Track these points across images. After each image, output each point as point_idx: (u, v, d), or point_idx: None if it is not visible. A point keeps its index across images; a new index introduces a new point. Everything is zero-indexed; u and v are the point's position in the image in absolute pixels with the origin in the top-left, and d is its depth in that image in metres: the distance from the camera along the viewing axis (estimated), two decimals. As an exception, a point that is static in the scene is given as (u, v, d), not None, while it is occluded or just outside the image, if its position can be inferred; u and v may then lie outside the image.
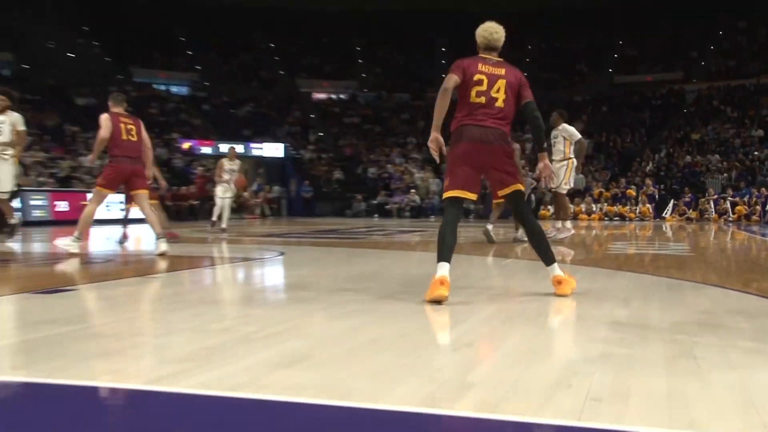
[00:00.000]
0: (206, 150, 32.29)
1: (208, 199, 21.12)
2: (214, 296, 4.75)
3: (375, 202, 28.24)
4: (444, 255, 4.13)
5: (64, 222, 17.79)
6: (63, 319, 3.35)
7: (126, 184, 7.81)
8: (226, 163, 13.30)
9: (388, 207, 27.50)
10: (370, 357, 2.60)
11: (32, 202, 18.41)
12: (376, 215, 27.03)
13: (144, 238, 11.48)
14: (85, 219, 7.46)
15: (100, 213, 8.97)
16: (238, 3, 38.05)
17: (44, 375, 2.25)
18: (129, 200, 10.89)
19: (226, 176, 13.19)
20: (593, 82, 38.34)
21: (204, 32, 39.84)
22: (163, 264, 6.70)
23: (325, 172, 32.19)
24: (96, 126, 7.73)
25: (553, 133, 10.47)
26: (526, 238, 7.89)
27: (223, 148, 32.99)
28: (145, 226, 8.75)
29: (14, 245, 9.24)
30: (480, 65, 4.39)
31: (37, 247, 9.50)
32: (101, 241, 10.81)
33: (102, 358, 2.52)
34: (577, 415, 1.86)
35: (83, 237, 7.43)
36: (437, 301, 3.88)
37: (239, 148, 33.09)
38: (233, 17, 38.78)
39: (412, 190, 27.71)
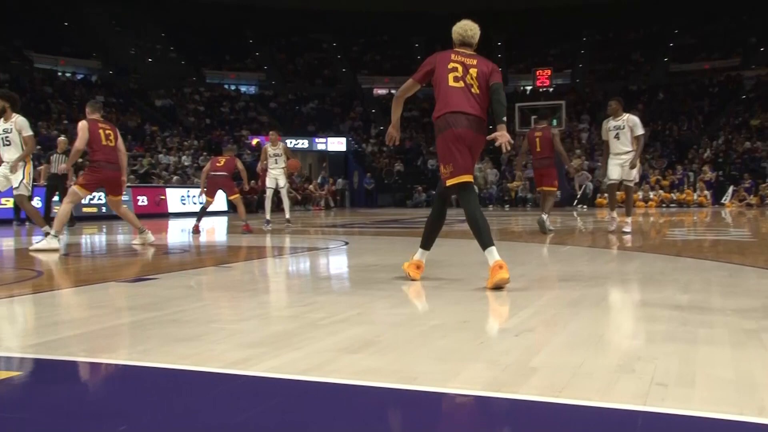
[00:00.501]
0: (274, 146, 33.07)
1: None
2: (282, 284, 4.90)
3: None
4: (488, 240, 4.19)
5: (144, 215, 18.50)
6: (146, 306, 3.54)
7: (105, 187, 8.11)
8: (270, 149, 12.44)
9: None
10: (433, 342, 2.66)
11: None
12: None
13: (217, 230, 11.83)
14: (62, 217, 7.63)
15: (176, 206, 9.37)
16: (303, 6, 38.77)
17: (132, 358, 2.40)
18: (210, 194, 11.33)
19: (272, 163, 12.16)
20: (648, 72, 37.34)
21: (271, 34, 40.84)
22: (233, 254, 6.92)
23: (386, 164, 32.42)
24: (173, 125, 7.99)
25: (615, 123, 9.22)
26: (551, 227, 9.01)
27: (290, 143, 33.73)
28: (221, 219, 9.06)
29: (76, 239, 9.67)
30: (453, 55, 4.59)
31: (121, 239, 9.92)
32: (177, 233, 11.21)
33: (182, 343, 2.66)
34: (642, 399, 1.87)
35: (59, 233, 7.58)
36: (499, 287, 3.95)
37: (305, 143, 33.78)
38: (298, 19, 39.58)
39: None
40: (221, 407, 1.89)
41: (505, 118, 4.47)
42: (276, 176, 12.18)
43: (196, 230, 10.85)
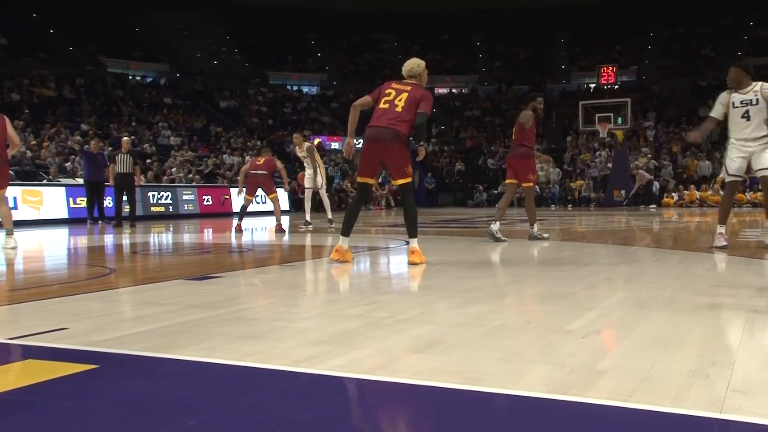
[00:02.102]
0: (335, 145, 33.62)
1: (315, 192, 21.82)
2: (345, 283, 4.93)
3: (496, 192, 28.02)
4: (345, 230, 5.58)
5: (209, 215, 18.95)
6: (212, 304, 3.63)
7: None
8: (297, 152, 12.55)
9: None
10: (498, 343, 2.64)
11: (184, 197, 19.63)
12: (497, 205, 26.80)
13: (266, 230, 12.03)
14: (6, 216, 7.94)
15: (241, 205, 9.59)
16: (363, 6, 39.11)
17: (199, 355, 2.46)
18: (250, 193, 11.50)
19: (306, 164, 12.18)
20: (720, 67, 35.88)
21: (332, 35, 41.33)
22: (294, 253, 7.01)
23: (447, 163, 32.30)
24: (237, 126, 8.16)
25: (743, 97, 6.70)
26: (544, 235, 8.21)
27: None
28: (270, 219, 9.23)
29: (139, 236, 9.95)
30: (393, 84, 5.61)
31: (187, 238, 10.18)
32: (244, 233, 11.42)
33: (247, 341, 2.71)
34: (718, 406, 1.80)
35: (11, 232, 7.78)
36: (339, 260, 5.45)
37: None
38: (359, 20, 39.93)
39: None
40: (287, 405, 1.91)
41: (423, 142, 5.62)
42: (312, 177, 12.16)
43: (239, 229, 11.04)
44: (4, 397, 1.96)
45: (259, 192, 12.20)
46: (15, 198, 15.14)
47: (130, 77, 34.03)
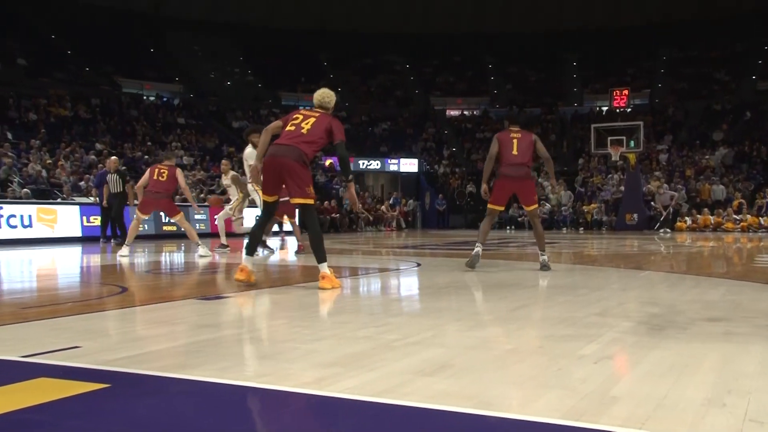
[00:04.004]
0: (347, 166, 33.72)
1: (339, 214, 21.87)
2: (355, 305, 4.92)
3: (507, 214, 27.99)
4: (250, 249, 5.59)
5: (228, 234, 19.01)
6: (224, 324, 3.63)
7: None
8: (223, 179, 12.21)
9: (520, 219, 27.14)
10: (509, 367, 2.62)
11: (196, 216, 19.70)
12: (508, 227, 26.75)
13: (288, 250, 12.03)
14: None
15: (252, 225, 9.61)
16: (376, 28, 39.52)
17: (211, 375, 2.46)
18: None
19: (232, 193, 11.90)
20: (734, 90, 35.83)
21: (344, 57, 41.67)
22: (306, 274, 7.01)
23: (458, 185, 32.32)
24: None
25: None
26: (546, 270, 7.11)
27: (362, 164, 34.22)
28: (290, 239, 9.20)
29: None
30: (302, 110, 5.71)
31: (199, 257, 10.18)
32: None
33: (259, 361, 2.71)
34: (732, 435, 1.79)
35: None
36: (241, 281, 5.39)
37: (377, 164, 34.16)
38: (371, 41, 40.29)
39: (544, 202, 27.18)
40: (298, 426, 1.91)
41: (350, 176, 5.82)
42: (234, 205, 11.88)
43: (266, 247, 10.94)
44: (17, 415, 1.97)
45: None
46: (30, 216, 15.28)
47: (145, 97, 34.38)
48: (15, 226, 14.99)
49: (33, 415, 1.97)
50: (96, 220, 16.05)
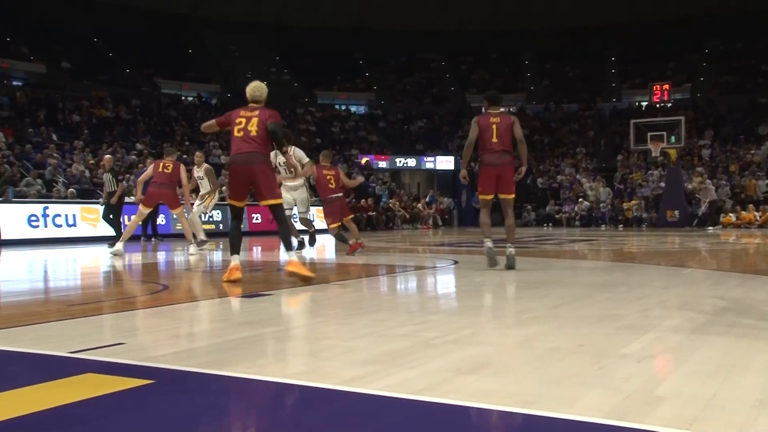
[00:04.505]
0: (383, 164, 33.87)
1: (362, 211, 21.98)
2: (393, 302, 4.93)
3: (545, 211, 27.74)
4: (234, 250, 5.90)
5: (259, 233, 19.22)
6: (263, 321, 3.66)
7: None
8: (195, 171, 12.04)
9: (558, 216, 26.88)
10: (550, 365, 2.59)
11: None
12: (546, 225, 26.51)
13: (326, 247, 12.10)
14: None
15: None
16: (411, 26, 39.45)
17: (252, 372, 2.48)
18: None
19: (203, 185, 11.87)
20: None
21: (380, 55, 41.74)
22: (343, 272, 7.04)
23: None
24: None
25: None
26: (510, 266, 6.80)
27: (399, 162, 34.23)
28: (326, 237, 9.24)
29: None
30: (241, 111, 5.97)
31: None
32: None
33: (298, 358, 2.73)
34: (784, 436, 1.74)
35: None
36: (233, 281, 5.60)
37: (413, 162, 34.14)
38: (407, 39, 40.24)
39: (582, 199, 26.85)
40: (338, 424, 1.91)
41: (284, 147, 6.45)
42: (200, 200, 11.87)
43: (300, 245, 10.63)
44: (66, 409, 2.01)
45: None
46: (74, 215, 15.63)
47: (183, 98, 34.90)
48: (60, 225, 15.35)
49: (81, 410, 2.02)
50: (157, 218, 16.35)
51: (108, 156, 14.49)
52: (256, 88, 6.21)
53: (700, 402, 2.06)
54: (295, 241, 9.20)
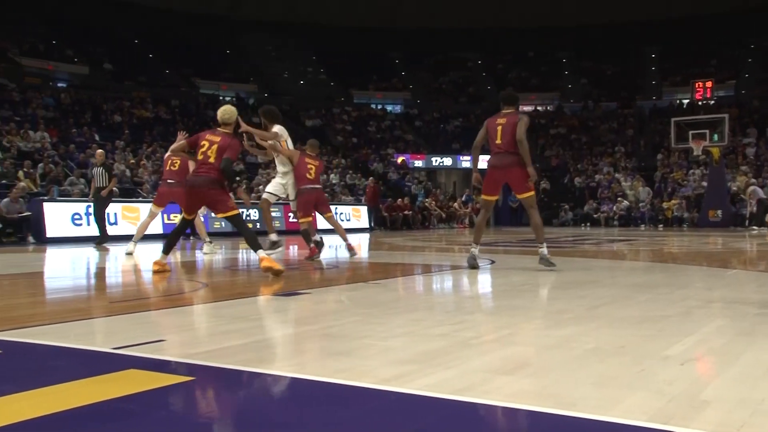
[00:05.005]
0: (419, 163, 33.85)
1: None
2: (430, 302, 4.91)
3: (583, 211, 27.38)
4: (166, 249, 6.59)
5: (295, 231, 19.36)
6: (300, 320, 3.69)
7: None
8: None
9: (596, 216, 26.51)
10: (590, 367, 2.55)
11: (271, 214, 20.10)
12: (583, 224, 26.17)
13: (363, 247, 12.11)
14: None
15: (324, 223, 9.72)
16: (447, 25, 39.34)
17: (290, 370, 2.50)
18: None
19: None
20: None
21: (416, 54, 41.72)
22: (379, 271, 7.04)
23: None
24: (322, 144, 8.37)
25: None
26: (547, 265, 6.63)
27: (434, 161, 34.16)
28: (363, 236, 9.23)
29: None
30: (207, 135, 6.51)
31: (273, 254, 10.35)
32: (325, 249, 11.56)
33: (335, 357, 2.73)
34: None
35: None
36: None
37: (449, 161, 34.04)
38: (443, 38, 40.14)
39: (621, 199, 26.43)
40: (377, 423, 1.91)
41: (236, 184, 6.59)
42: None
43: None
44: (110, 404, 2.05)
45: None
46: (116, 214, 15.93)
47: (221, 98, 35.35)
48: (102, 224, 15.63)
49: (124, 405, 2.05)
50: (176, 218, 16.56)
51: (100, 150, 14.28)
52: (225, 111, 6.74)
53: (749, 407, 2.00)
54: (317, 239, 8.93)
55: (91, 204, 13.20)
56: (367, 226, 22.29)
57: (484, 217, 7.26)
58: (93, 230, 15.21)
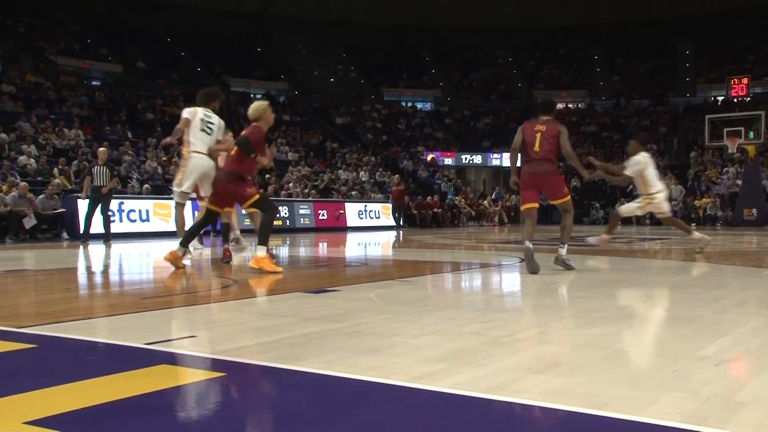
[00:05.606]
0: (448, 161, 33.78)
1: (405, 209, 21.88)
2: (460, 300, 4.90)
3: (614, 209, 27.04)
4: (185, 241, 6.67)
5: (325, 229, 19.45)
6: (330, 317, 3.70)
7: None
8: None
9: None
10: (622, 366, 2.53)
11: (300, 211, 20.22)
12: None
13: (388, 244, 12.11)
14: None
15: (355, 220, 9.74)
16: (478, 22, 39.19)
17: (320, 367, 2.51)
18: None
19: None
20: None
21: (446, 51, 41.61)
22: (409, 269, 7.03)
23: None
24: (352, 142, 8.23)
25: None
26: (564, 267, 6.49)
27: (464, 159, 34.02)
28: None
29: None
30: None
31: (303, 251, 10.47)
32: (355, 246, 11.62)
33: (366, 355, 2.74)
34: None
35: None
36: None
37: (479, 159, 33.88)
38: (473, 36, 39.99)
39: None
40: (408, 421, 1.91)
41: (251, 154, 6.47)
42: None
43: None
44: (143, 399, 2.08)
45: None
46: (147, 211, 16.16)
47: (252, 95, 35.62)
48: (134, 220, 15.89)
49: (156, 400, 2.08)
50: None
51: (102, 149, 14.06)
52: (251, 108, 6.90)
53: (786, 409, 1.96)
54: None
55: (89, 202, 12.83)
56: (397, 224, 22.26)
57: (531, 224, 6.81)
58: (125, 227, 15.45)
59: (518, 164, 6.74)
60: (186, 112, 7.66)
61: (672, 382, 2.29)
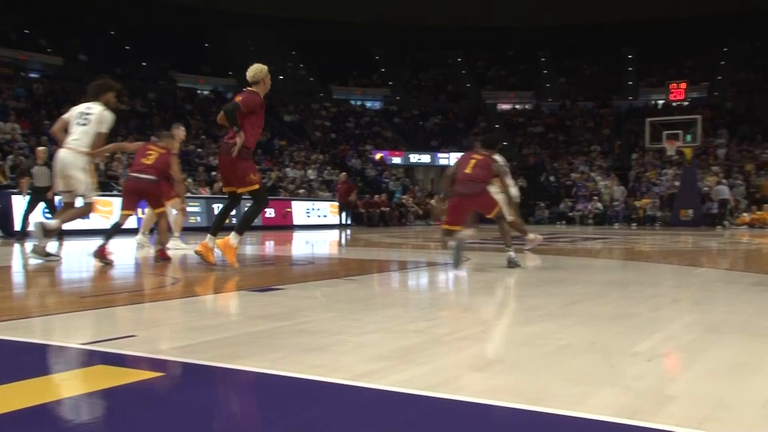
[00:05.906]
0: (397, 160, 33.92)
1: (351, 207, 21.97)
2: (405, 298, 4.93)
3: (558, 209, 27.64)
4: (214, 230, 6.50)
5: (272, 227, 19.27)
6: (275, 316, 3.68)
7: None
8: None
9: (571, 214, 26.79)
10: (561, 363, 2.58)
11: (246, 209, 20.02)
12: (559, 222, 26.42)
13: (332, 244, 12.09)
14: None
15: (302, 219, 9.69)
16: (429, 22, 39.48)
17: (263, 366, 2.49)
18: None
19: None
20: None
21: (397, 51, 41.75)
22: (354, 268, 7.04)
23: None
24: (300, 139, 8.22)
25: None
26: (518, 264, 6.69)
27: (413, 158, 34.19)
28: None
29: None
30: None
31: (249, 249, 10.33)
32: (302, 245, 11.56)
33: (310, 353, 2.73)
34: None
35: None
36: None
37: (427, 158, 34.12)
38: (424, 35, 40.24)
39: (596, 198, 26.74)
40: (350, 419, 1.92)
41: (235, 127, 6.43)
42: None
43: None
44: (77, 400, 2.03)
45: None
46: (88, 208, 15.71)
47: (199, 91, 35.04)
48: (74, 218, 15.41)
49: (93, 401, 2.03)
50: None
51: (42, 148, 13.43)
52: (254, 69, 6.90)
53: (711, 402, 2.04)
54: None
55: (29, 200, 12.40)
56: (341, 222, 22.16)
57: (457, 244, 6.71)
58: (67, 224, 14.96)
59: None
60: (67, 114, 7.38)
61: (607, 378, 2.36)
